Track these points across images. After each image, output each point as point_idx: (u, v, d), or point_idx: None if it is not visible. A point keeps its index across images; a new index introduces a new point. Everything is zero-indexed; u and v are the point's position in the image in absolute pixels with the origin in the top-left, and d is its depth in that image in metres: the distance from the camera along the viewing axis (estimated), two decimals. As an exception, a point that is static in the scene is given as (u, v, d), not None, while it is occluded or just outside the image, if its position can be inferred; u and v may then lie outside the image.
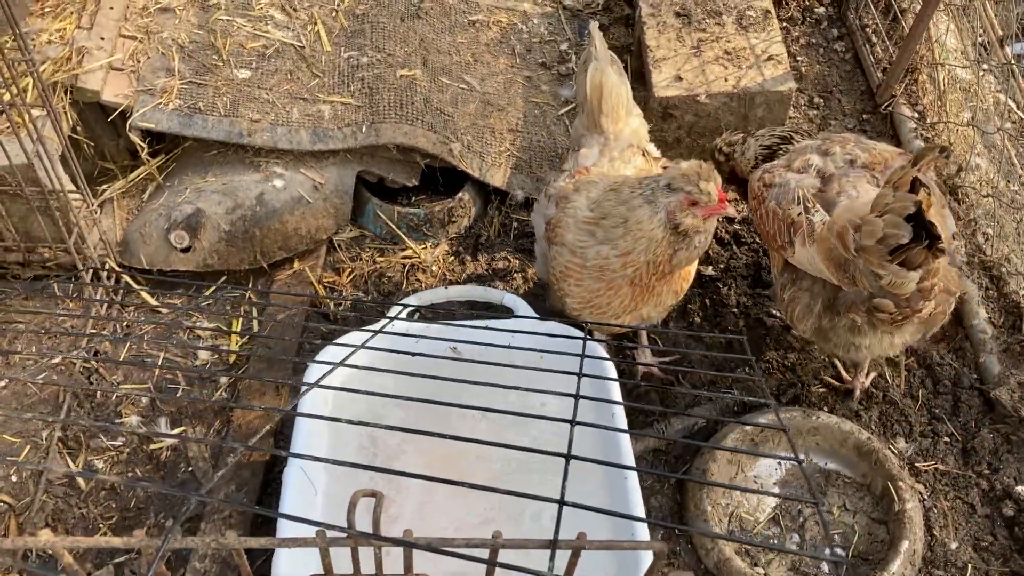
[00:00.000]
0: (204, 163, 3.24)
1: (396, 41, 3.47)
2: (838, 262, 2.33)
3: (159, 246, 3.08)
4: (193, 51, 3.29)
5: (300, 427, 2.39)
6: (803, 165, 2.59)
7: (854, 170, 2.52)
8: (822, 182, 2.53)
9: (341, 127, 3.24)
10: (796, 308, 2.57)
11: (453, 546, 0.96)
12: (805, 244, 2.43)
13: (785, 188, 2.54)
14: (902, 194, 2.11)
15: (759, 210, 2.63)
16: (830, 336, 2.54)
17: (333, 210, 3.23)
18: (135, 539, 0.95)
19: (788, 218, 2.49)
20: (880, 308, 2.32)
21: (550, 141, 3.50)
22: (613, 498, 2.30)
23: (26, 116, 2.65)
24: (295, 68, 3.36)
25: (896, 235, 2.11)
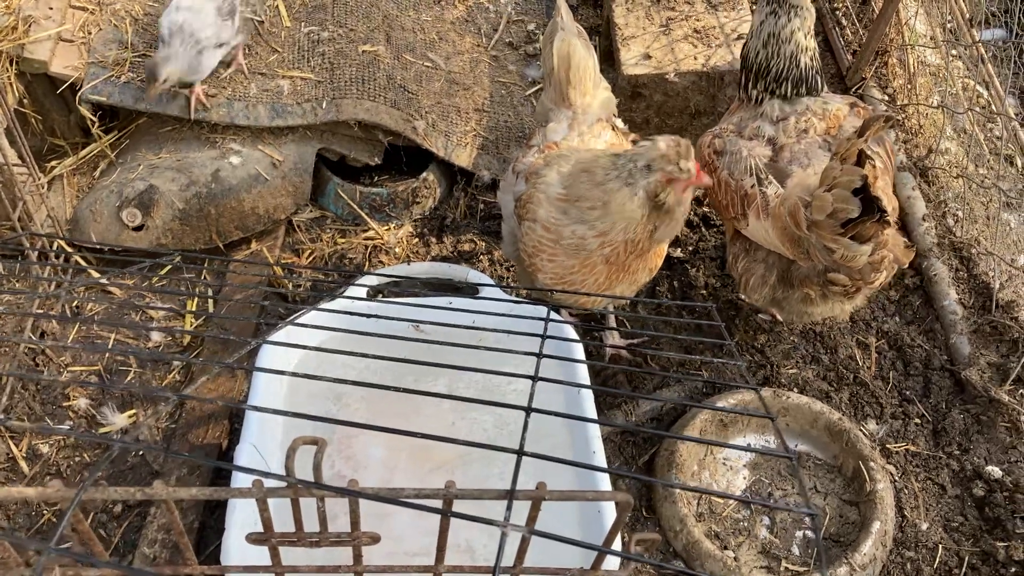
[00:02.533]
0: (158, 139, 3.13)
1: (358, 17, 3.38)
2: (792, 237, 2.31)
3: (110, 224, 2.96)
4: (148, 23, 3.18)
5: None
6: (753, 132, 2.55)
7: (807, 137, 2.49)
8: (773, 151, 2.51)
9: (300, 103, 3.14)
10: (751, 279, 2.55)
11: (404, 497, 0.88)
12: (760, 217, 2.41)
13: (737, 156, 2.51)
14: (849, 167, 2.10)
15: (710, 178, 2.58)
16: (784, 306, 2.56)
17: (292, 189, 3.13)
18: (50, 490, 0.86)
19: (741, 189, 2.46)
20: (835, 282, 2.33)
21: (517, 121, 3.43)
22: (578, 473, 2.23)
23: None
24: (253, 43, 3.25)
25: (846, 209, 2.11)
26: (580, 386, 2.32)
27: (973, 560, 2.47)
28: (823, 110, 2.54)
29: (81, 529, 0.92)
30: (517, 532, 0.87)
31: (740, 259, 2.58)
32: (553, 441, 2.31)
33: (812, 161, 2.42)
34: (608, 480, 2.13)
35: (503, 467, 2.31)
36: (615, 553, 0.88)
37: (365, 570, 1.00)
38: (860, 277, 2.30)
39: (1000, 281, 3.01)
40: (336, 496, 0.88)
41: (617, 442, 2.72)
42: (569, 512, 2.14)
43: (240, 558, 1.81)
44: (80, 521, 0.88)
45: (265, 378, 2.34)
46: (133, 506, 2.52)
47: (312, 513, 0.99)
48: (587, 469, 1.22)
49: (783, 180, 2.42)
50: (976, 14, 3.55)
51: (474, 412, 2.44)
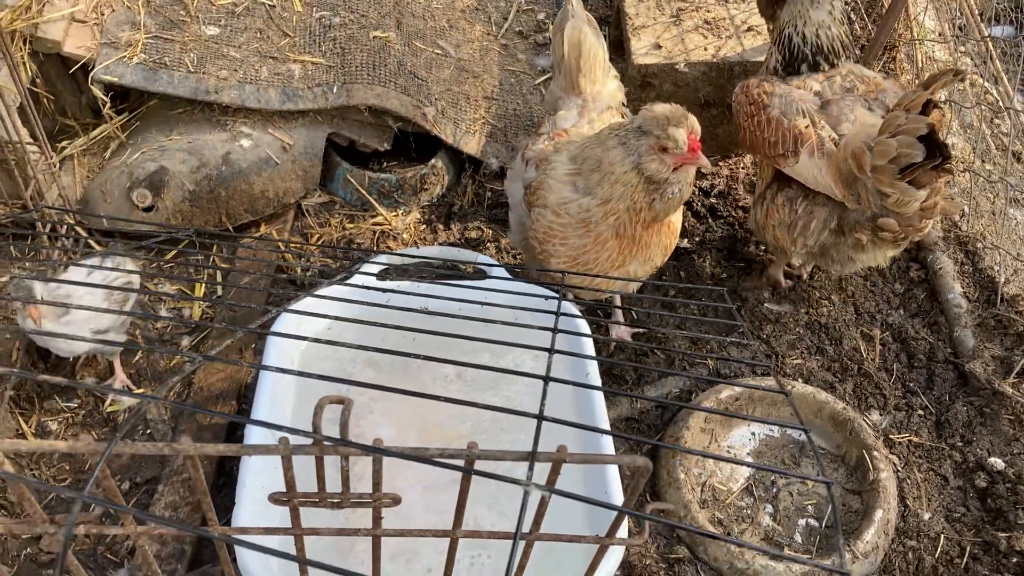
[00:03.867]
0: (169, 121, 3.14)
1: (370, 3, 3.39)
2: (847, 179, 2.44)
3: (120, 204, 2.97)
4: (160, 5, 3.19)
5: (264, 382, 2.30)
6: (801, 84, 2.68)
7: (851, 95, 2.63)
8: (821, 104, 2.64)
9: (311, 87, 3.15)
10: (810, 223, 2.65)
11: (428, 456, 0.90)
12: (813, 155, 2.53)
13: (788, 99, 2.64)
14: (914, 116, 2.22)
15: (757, 116, 2.69)
16: (831, 252, 2.68)
17: (302, 172, 3.15)
18: (80, 443, 0.87)
19: (795, 128, 2.58)
20: (885, 227, 2.45)
21: (526, 110, 3.44)
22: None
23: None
24: (265, 27, 3.26)
25: (910, 155, 2.24)
26: (589, 357, 2.34)
27: (975, 550, 2.49)
28: (862, 74, 2.70)
29: (107, 485, 0.94)
30: (539, 491, 0.89)
31: (798, 202, 2.67)
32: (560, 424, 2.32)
33: (857, 117, 2.55)
34: (611, 441, 2.15)
35: (510, 445, 2.33)
36: (636, 514, 0.89)
37: (384, 533, 1.02)
38: (909, 223, 2.44)
39: (1005, 275, 3.03)
40: (361, 454, 0.90)
41: (622, 429, 2.74)
42: (576, 485, 2.16)
43: (251, 522, 1.83)
44: (107, 477, 0.90)
45: (276, 354, 2.36)
46: (140, 484, 2.54)
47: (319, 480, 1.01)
48: (600, 434, 1.23)
49: (834, 128, 2.57)
50: (985, 10, 3.56)
51: (481, 395, 2.45)
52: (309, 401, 2.39)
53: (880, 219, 2.44)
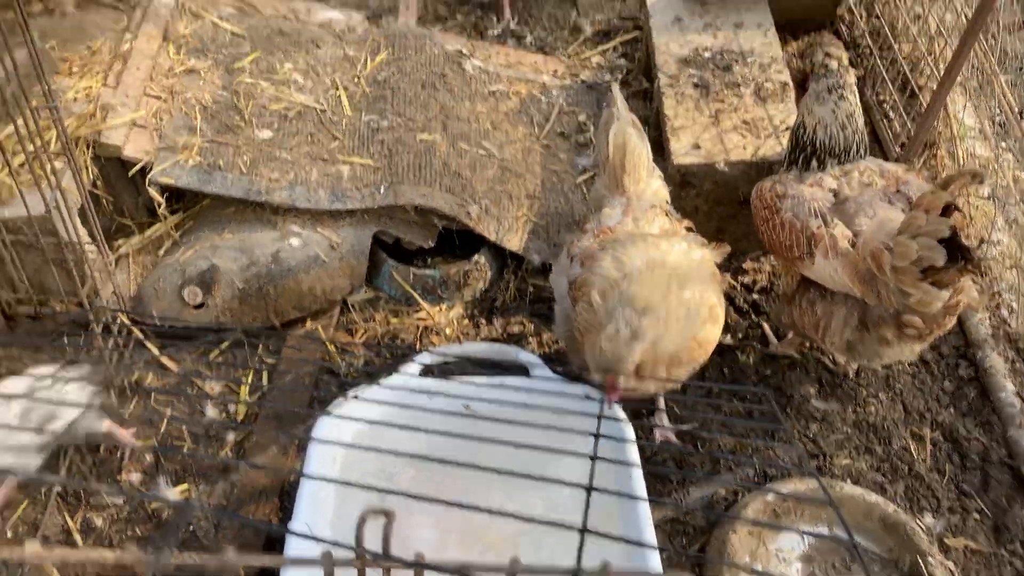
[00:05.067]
0: (221, 221, 3.24)
1: (416, 107, 3.51)
2: (865, 278, 2.44)
3: (172, 301, 3.06)
4: (216, 111, 3.33)
5: (306, 485, 2.31)
6: (815, 182, 2.70)
7: (870, 191, 2.64)
8: (836, 200, 2.65)
9: (360, 188, 3.24)
10: (831, 322, 2.64)
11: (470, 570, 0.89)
12: (828, 257, 2.53)
13: (800, 199, 2.66)
14: (935, 218, 2.23)
15: (771, 219, 2.71)
16: (858, 348, 2.65)
17: (349, 270, 3.21)
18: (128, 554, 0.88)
19: (807, 229, 2.59)
20: (909, 324, 2.44)
21: (567, 208, 3.50)
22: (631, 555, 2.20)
23: (48, 167, 2.66)
24: (316, 130, 3.39)
25: (931, 258, 2.24)
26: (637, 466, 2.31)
27: (1040, 665, 2.37)
28: (880, 169, 2.71)
29: (154, 595, 0.94)
30: (583, 610, 0.88)
31: (818, 304, 2.68)
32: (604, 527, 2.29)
33: (877, 212, 2.55)
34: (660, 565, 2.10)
35: (552, 551, 2.29)
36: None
37: (425, 647, 1.01)
38: (933, 321, 2.44)
39: (1059, 374, 2.96)
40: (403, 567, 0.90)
41: (667, 531, 2.69)
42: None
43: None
44: (155, 586, 0.91)
45: (318, 456, 2.37)
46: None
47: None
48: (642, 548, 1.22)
49: (849, 225, 2.56)
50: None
51: (523, 495, 2.43)
52: (351, 501, 2.39)
53: (904, 316, 2.45)
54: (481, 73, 3.84)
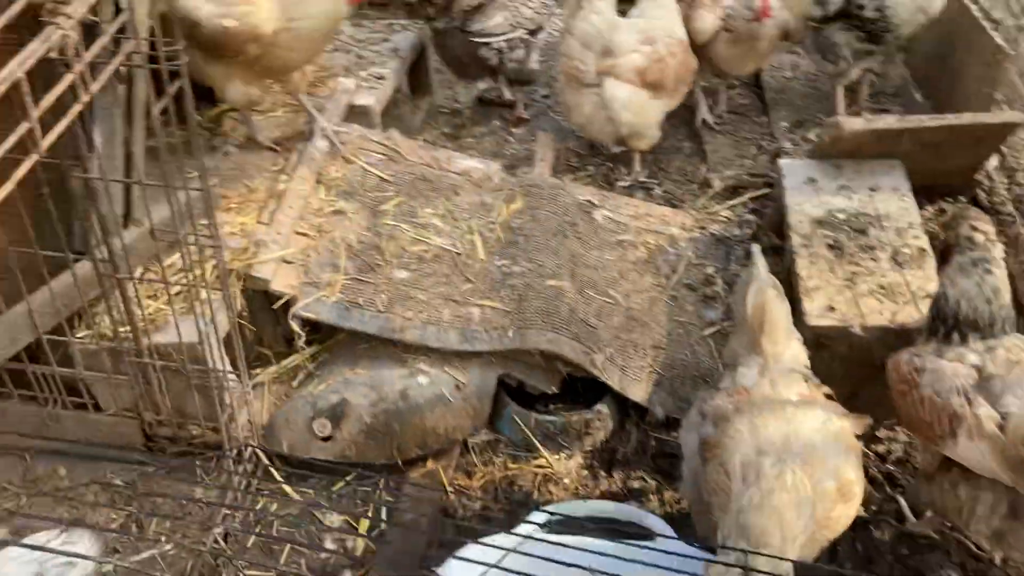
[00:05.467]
0: (355, 355, 3.34)
1: (547, 253, 3.59)
2: (1015, 464, 2.30)
3: (302, 433, 3.14)
4: (359, 251, 3.49)
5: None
6: (956, 357, 2.56)
7: (1018, 368, 2.49)
8: (980, 377, 2.50)
9: (489, 330, 3.31)
10: (975, 508, 2.49)
11: None
12: (972, 439, 2.39)
13: (940, 375, 2.53)
14: None
15: (910, 394, 2.59)
16: (1007, 538, 2.49)
17: (472, 411, 3.25)
18: None
19: (949, 408, 2.45)
20: None
21: (693, 360, 3.47)
22: None
23: (204, 297, 2.83)
24: (451, 272, 3.50)
25: None
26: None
27: None
28: None
29: None
30: None
31: (961, 486, 2.52)
32: None
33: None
34: None
35: None
36: None
37: None
38: None
39: None
40: None
41: None
42: None
43: None
44: None
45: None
46: None
47: None
48: None
49: (995, 405, 2.42)
50: None
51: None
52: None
53: None
54: (610, 222, 3.93)
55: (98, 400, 3.17)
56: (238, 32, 3.37)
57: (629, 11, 4.31)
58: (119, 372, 3.06)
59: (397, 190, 3.79)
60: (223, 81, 3.64)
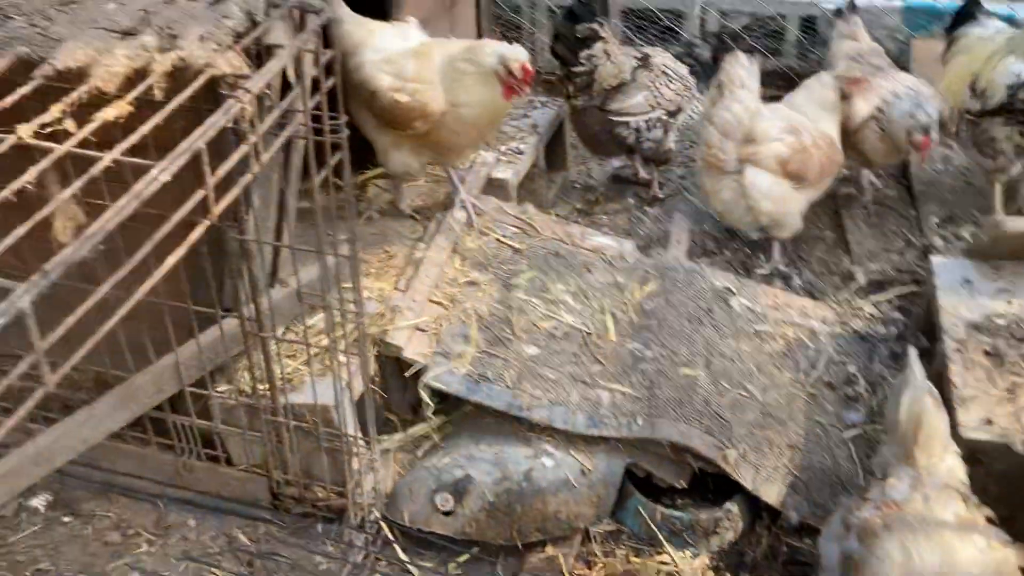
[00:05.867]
0: (480, 430, 3.31)
1: (681, 340, 3.50)
2: None
3: (423, 505, 3.11)
4: (490, 323, 3.49)
5: None
6: None
7: None
8: None
9: (618, 416, 3.23)
10: None
11: None
12: None
13: None
14: None
15: None
16: None
17: (596, 499, 3.16)
18: None
19: None
20: None
21: (832, 464, 3.29)
22: None
23: (341, 361, 2.86)
24: (580, 352, 3.45)
25: None
26: None
27: None
28: None
29: None
30: None
31: None
32: None
33: None
34: None
35: None
36: None
37: None
38: None
39: None
40: None
41: None
42: None
43: None
44: None
45: None
46: None
47: None
48: None
49: None
50: None
51: None
52: None
53: None
54: (747, 312, 3.81)
55: (231, 454, 3.23)
56: (410, 107, 3.57)
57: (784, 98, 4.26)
58: (253, 428, 3.11)
59: (530, 264, 3.79)
60: (388, 150, 3.81)
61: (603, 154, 4.89)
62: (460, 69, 3.57)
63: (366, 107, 3.65)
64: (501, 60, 3.50)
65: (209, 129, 1.74)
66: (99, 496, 3.34)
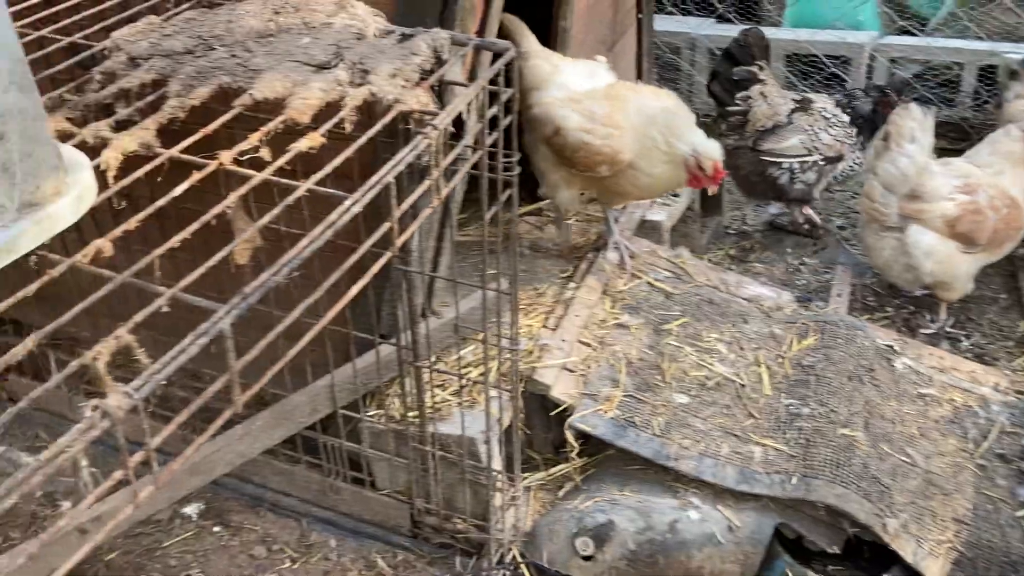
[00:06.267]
0: (623, 475, 3.24)
1: (840, 399, 3.34)
2: None
3: (563, 547, 3.06)
4: (639, 368, 3.42)
5: None
6: None
7: None
8: None
9: (770, 472, 3.10)
10: None
11: None
12: None
13: None
14: None
15: None
16: None
17: (743, 557, 3.02)
18: None
19: None
20: None
21: (1002, 544, 3.05)
22: None
23: (491, 395, 2.86)
24: (732, 404, 3.34)
25: None
26: None
27: None
28: None
29: None
30: None
31: None
32: None
33: None
34: None
35: None
36: None
37: None
38: None
39: None
40: None
41: None
42: None
43: None
44: None
45: None
46: None
47: None
48: None
49: None
50: None
51: None
52: None
53: None
54: (911, 373, 3.61)
55: (376, 478, 3.28)
56: (597, 150, 3.44)
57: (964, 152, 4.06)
58: (400, 455, 3.15)
59: (682, 310, 3.71)
60: (560, 185, 3.74)
61: (754, 196, 4.79)
62: (651, 138, 3.43)
63: (545, 143, 3.60)
64: (694, 152, 3.39)
65: (398, 164, 1.77)
66: (248, 509, 3.44)
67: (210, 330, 1.36)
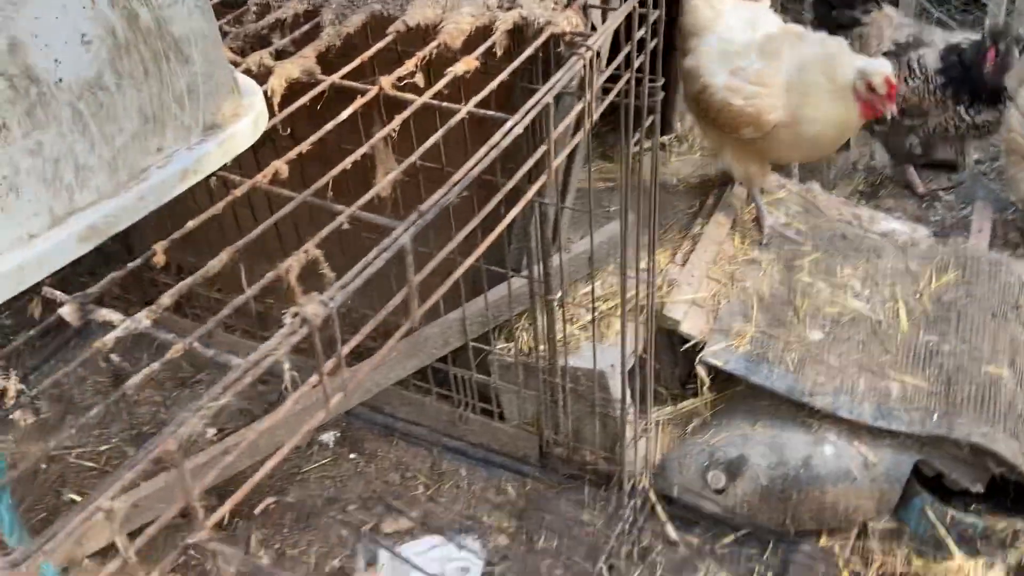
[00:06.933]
0: (754, 411, 3.21)
1: (983, 336, 3.22)
2: None
3: (694, 480, 3.07)
4: (771, 304, 3.36)
5: None
6: None
7: None
8: None
9: (908, 410, 3.02)
10: None
11: None
12: None
13: None
14: None
15: None
16: None
17: (878, 494, 2.98)
18: None
19: None
20: None
21: None
22: None
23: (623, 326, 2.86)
24: (867, 340, 3.25)
25: None
26: None
27: None
28: None
29: None
30: None
31: None
32: None
33: None
34: None
35: None
36: None
37: None
38: None
39: None
40: None
41: None
42: None
43: None
44: None
45: None
46: None
47: None
48: None
49: None
50: None
51: None
52: None
53: None
54: (1058, 311, 3.44)
55: (504, 410, 3.34)
56: (740, 111, 3.28)
57: None
58: (528, 387, 3.20)
59: (814, 246, 3.62)
60: (717, 149, 3.67)
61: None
62: (810, 82, 3.21)
63: (694, 100, 3.46)
64: (861, 74, 3.13)
65: (554, 87, 1.76)
66: (380, 438, 3.56)
67: (391, 245, 1.39)
